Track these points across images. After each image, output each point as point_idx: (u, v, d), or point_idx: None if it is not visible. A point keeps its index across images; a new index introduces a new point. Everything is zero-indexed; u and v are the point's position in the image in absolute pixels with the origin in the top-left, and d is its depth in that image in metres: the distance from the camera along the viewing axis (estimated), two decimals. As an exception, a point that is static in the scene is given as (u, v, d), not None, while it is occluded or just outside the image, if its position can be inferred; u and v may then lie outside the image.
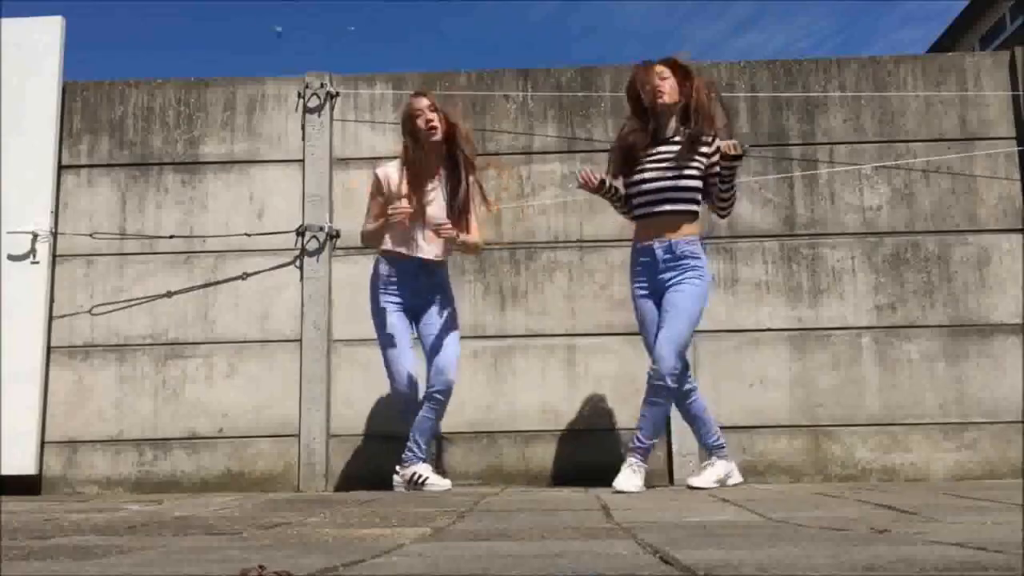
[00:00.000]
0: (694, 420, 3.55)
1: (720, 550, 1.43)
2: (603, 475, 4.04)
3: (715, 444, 3.54)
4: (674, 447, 4.03)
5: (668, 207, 3.41)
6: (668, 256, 3.38)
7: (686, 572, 1.20)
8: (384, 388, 3.81)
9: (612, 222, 4.23)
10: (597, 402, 4.12)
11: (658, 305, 3.40)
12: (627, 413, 4.07)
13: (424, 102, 3.59)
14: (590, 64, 4.73)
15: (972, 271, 4.18)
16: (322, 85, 4.38)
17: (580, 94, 4.37)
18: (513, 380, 4.16)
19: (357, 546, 1.60)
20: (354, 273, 4.22)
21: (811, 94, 4.34)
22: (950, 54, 4.63)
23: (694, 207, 3.44)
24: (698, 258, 3.39)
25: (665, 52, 3.70)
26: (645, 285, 3.45)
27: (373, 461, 4.02)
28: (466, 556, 1.43)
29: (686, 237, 3.40)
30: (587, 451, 4.09)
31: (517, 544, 1.60)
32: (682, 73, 3.47)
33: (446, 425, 4.04)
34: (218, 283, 4.27)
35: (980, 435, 4.05)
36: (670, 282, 3.37)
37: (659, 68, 3.48)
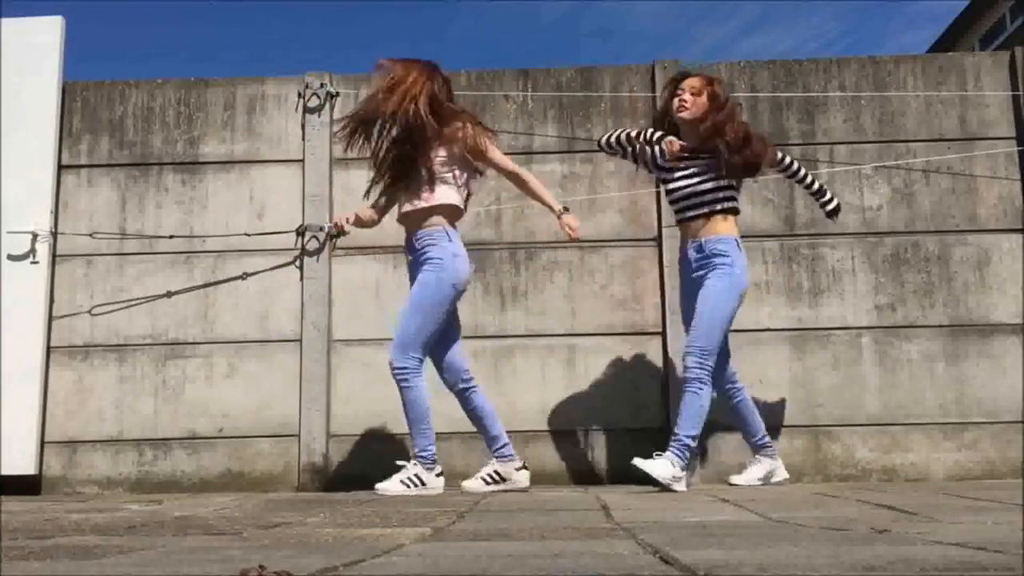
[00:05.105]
0: (738, 419, 3.66)
1: (720, 550, 1.43)
2: (603, 475, 4.05)
3: (758, 443, 3.66)
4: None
5: (690, 213, 3.50)
6: (699, 256, 3.47)
7: (686, 572, 1.20)
8: (384, 387, 3.77)
9: (612, 222, 4.23)
10: (597, 402, 4.12)
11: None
12: (627, 413, 4.08)
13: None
14: (590, 64, 4.73)
15: (972, 271, 4.18)
16: (322, 85, 4.37)
17: (580, 94, 4.37)
18: (513, 380, 4.16)
19: (357, 546, 1.60)
20: (354, 273, 4.23)
21: (811, 94, 4.34)
22: (950, 54, 4.63)
23: (718, 207, 3.47)
24: (726, 256, 3.43)
25: (670, 53, 3.71)
26: (682, 284, 3.62)
27: (373, 461, 4.02)
28: (466, 556, 1.43)
29: (716, 235, 3.45)
30: (587, 451, 4.10)
31: (517, 544, 1.60)
32: (712, 99, 3.47)
33: (446, 425, 4.03)
34: (218, 283, 4.27)
35: (980, 435, 4.05)
36: (699, 280, 3.46)
37: (691, 82, 3.51)
